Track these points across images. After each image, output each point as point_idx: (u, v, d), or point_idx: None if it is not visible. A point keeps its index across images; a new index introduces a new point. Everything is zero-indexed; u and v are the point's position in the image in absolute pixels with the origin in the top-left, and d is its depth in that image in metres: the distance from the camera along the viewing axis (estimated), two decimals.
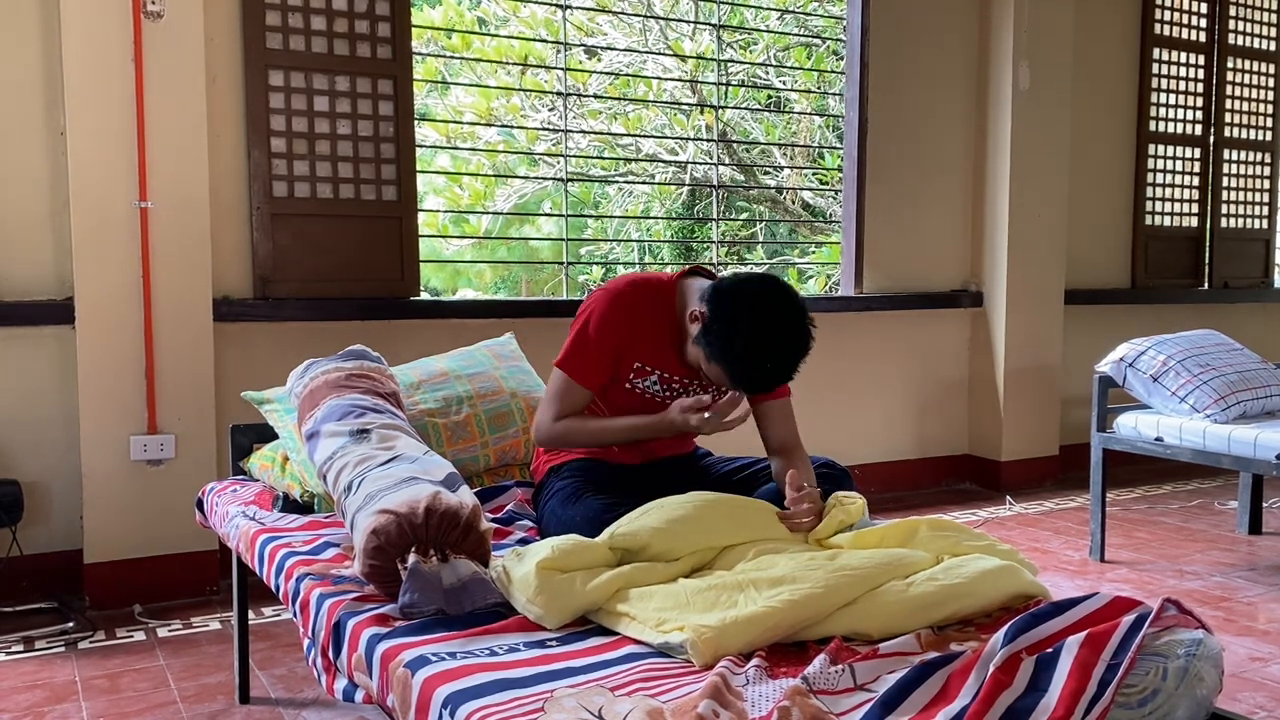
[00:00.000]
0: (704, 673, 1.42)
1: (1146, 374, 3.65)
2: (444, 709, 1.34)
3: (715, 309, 2.01)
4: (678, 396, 2.18)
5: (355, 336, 3.28)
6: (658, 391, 2.20)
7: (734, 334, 1.97)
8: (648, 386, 2.19)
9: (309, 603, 1.77)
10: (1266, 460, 3.23)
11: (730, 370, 2.01)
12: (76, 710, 2.50)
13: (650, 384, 2.19)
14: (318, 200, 3.51)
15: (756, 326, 1.96)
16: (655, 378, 2.19)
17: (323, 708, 2.51)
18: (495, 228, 6.28)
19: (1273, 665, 2.77)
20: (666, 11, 6.30)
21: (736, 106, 6.06)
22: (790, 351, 2.00)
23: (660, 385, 2.19)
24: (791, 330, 2.00)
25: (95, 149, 3.12)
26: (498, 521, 2.22)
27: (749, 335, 1.96)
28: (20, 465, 3.19)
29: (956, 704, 1.24)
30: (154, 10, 3.16)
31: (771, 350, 1.98)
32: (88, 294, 3.14)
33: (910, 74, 4.74)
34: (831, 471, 2.20)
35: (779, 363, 2.00)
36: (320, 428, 2.08)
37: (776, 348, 1.99)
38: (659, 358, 2.18)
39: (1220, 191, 5.83)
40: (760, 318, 1.97)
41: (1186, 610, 1.38)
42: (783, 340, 1.99)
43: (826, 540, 1.90)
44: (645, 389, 2.20)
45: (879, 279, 4.76)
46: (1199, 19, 5.67)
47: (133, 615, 3.16)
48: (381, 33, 3.57)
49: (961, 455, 5.07)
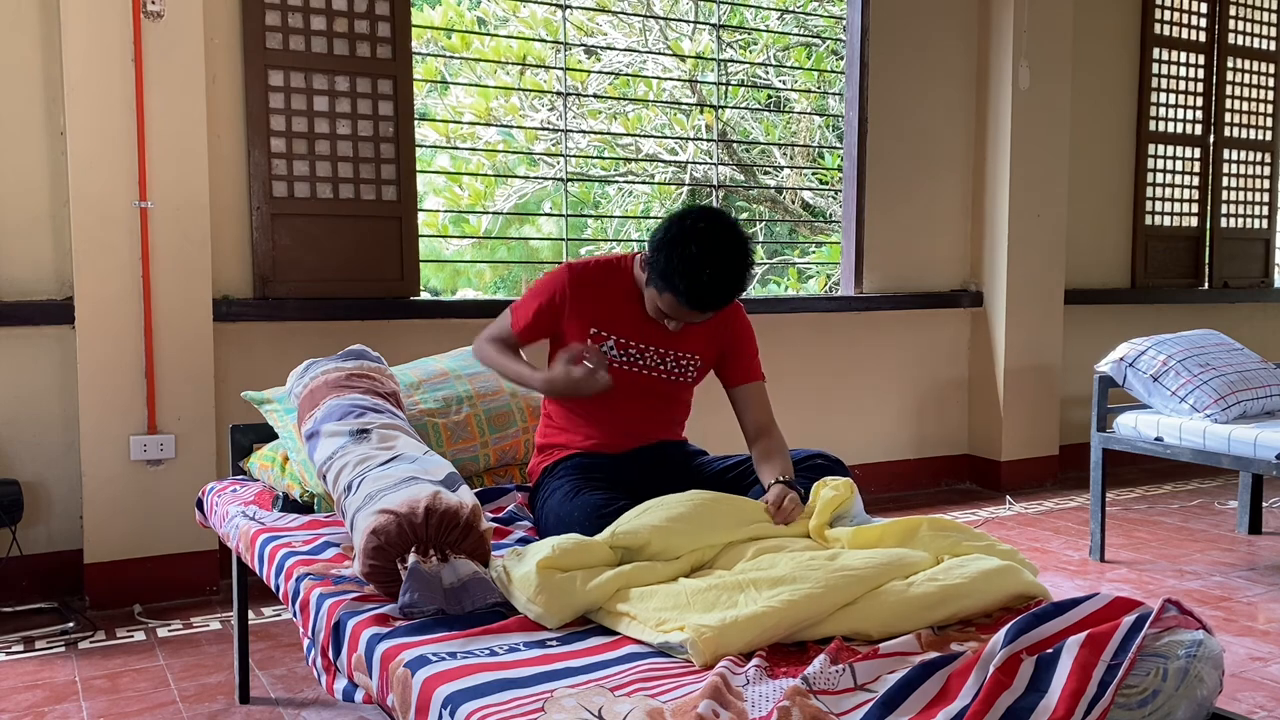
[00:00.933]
0: (704, 673, 1.42)
1: (1146, 374, 3.64)
2: (444, 709, 1.34)
3: (655, 239, 2.10)
4: (635, 363, 2.23)
5: (355, 336, 3.28)
6: (615, 357, 2.23)
7: (672, 252, 2.05)
8: (606, 352, 2.22)
9: (309, 603, 1.77)
10: (1266, 460, 3.22)
11: (673, 286, 2.06)
12: (76, 710, 2.50)
13: (607, 349, 2.22)
14: (318, 200, 3.51)
15: (692, 239, 2.04)
16: (612, 343, 2.23)
17: (323, 708, 2.51)
18: (495, 228, 6.28)
19: (1273, 665, 2.77)
20: (666, 11, 6.30)
21: (736, 106, 6.06)
22: (727, 259, 2.06)
23: (617, 350, 2.23)
24: (727, 239, 2.06)
25: (95, 149, 3.12)
26: (498, 522, 2.22)
27: (685, 248, 2.04)
28: (20, 465, 3.19)
29: (956, 704, 1.24)
30: (154, 10, 3.16)
31: (709, 258, 2.04)
32: (88, 294, 3.14)
33: (910, 74, 4.74)
34: (825, 462, 2.21)
35: (717, 269, 2.04)
36: (320, 428, 2.08)
37: (713, 254, 2.04)
38: (615, 324, 2.23)
39: (1220, 191, 5.83)
40: (695, 232, 2.05)
41: (1187, 610, 1.38)
42: (718, 248, 2.05)
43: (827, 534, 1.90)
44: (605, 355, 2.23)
45: (879, 279, 4.76)
46: (1199, 19, 5.67)
47: (133, 615, 3.16)
48: (381, 33, 3.57)
49: (961, 455, 5.07)
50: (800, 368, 4.53)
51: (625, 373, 2.23)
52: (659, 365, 2.26)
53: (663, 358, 2.25)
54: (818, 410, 4.58)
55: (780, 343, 4.42)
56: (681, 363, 2.27)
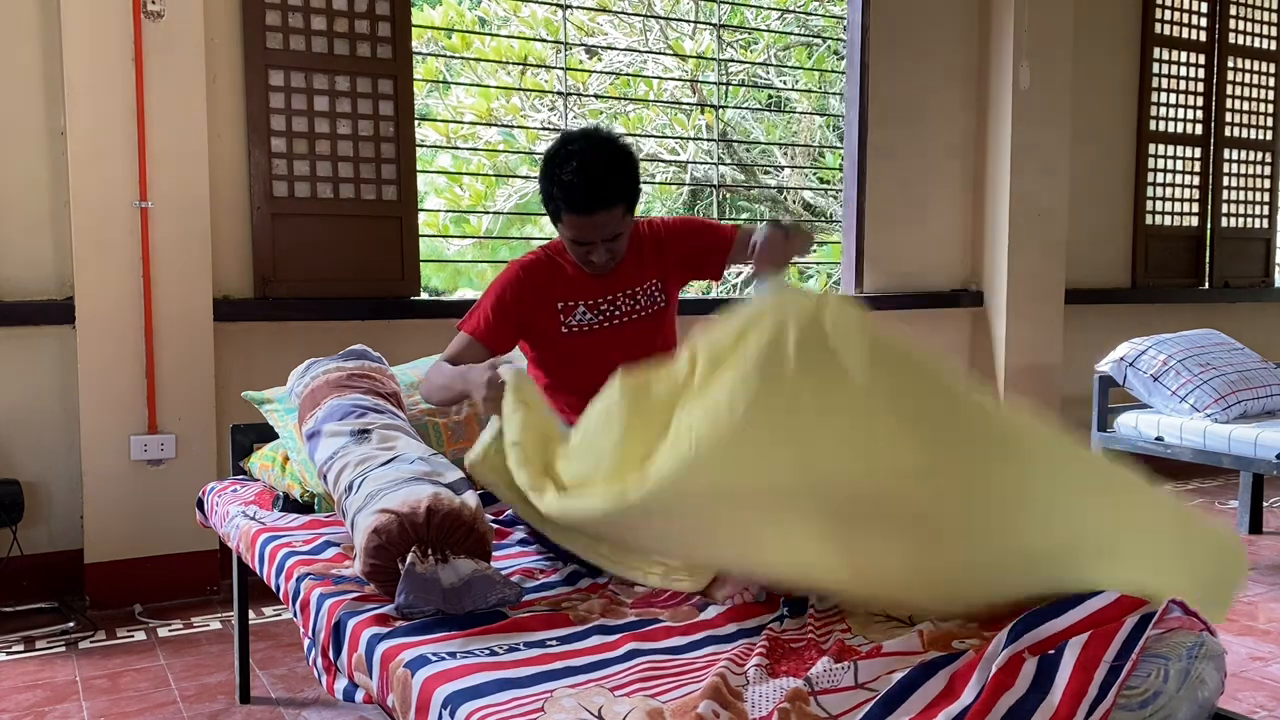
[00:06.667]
0: (704, 672, 1.42)
1: (1147, 373, 3.64)
2: (444, 709, 1.34)
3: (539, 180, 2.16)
4: (612, 316, 2.26)
5: (356, 336, 3.27)
6: (591, 320, 2.25)
7: (549, 174, 2.11)
8: (580, 321, 2.25)
9: (309, 602, 1.77)
10: (1267, 460, 3.22)
11: (556, 201, 2.11)
12: (77, 710, 2.50)
13: (581, 317, 2.25)
14: (318, 200, 3.51)
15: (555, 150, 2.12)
16: (582, 308, 2.25)
17: (323, 708, 2.50)
18: (496, 227, 6.28)
19: (1273, 665, 2.77)
20: (667, 11, 6.29)
21: (737, 106, 6.06)
22: (590, 153, 2.09)
23: (590, 313, 2.26)
24: (590, 143, 2.12)
25: (95, 149, 3.12)
26: (498, 523, 2.22)
27: (551, 160, 2.11)
28: (21, 465, 3.19)
29: (958, 704, 1.24)
30: (154, 10, 3.16)
31: (573, 157, 2.08)
32: (88, 294, 3.14)
33: (911, 74, 4.74)
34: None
35: (584, 162, 2.08)
36: (321, 427, 2.08)
37: (576, 155, 2.08)
38: (578, 290, 2.25)
39: (1220, 191, 5.83)
40: (558, 144, 2.13)
41: (1191, 611, 1.38)
42: (581, 150, 2.09)
43: None
44: (580, 324, 2.25)
45: (879, 278, 4.76)
46: (1199, 18, 5.66)
47: (133, 615, 3.16)
48: (382, 32, 3.57)
49: None
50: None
51: (608, 329, 2.26)
52: (632, 307, 2.29)
53: (631, 298, 2.29)
54: None
55: None
56: (649, 291, 2.32)
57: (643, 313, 2.31)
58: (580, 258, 2.21)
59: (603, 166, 2.10)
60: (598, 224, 2.14)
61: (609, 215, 2.14)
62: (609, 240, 2.17)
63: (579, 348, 2.26)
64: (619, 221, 2.16)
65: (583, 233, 2.15)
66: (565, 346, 2.26)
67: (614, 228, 2.16)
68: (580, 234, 2.16)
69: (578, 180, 2.08)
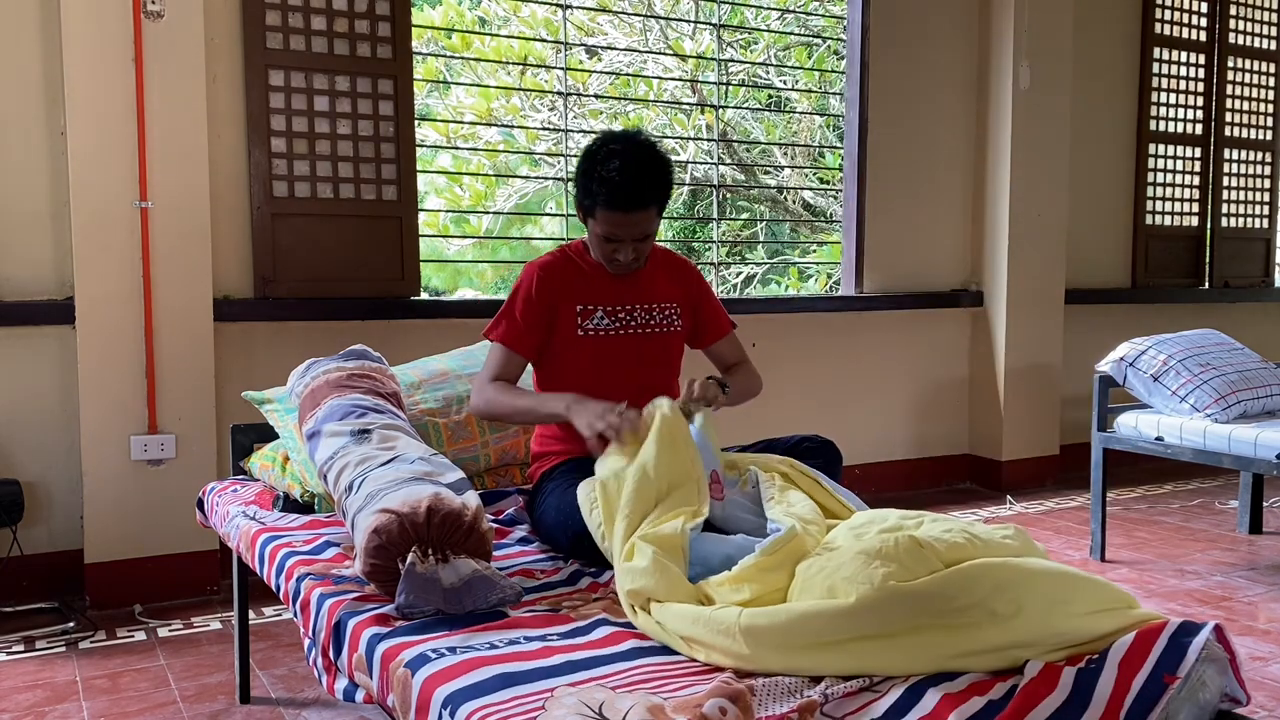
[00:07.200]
0: (708, 674, 1.41)
1: (1147, 373, 3.64)
2: (444, 709, 1.34)
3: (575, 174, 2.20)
4: (627, 325, 2.27)
5: (356, 336, 3.28)
6: (609, 326, 2.26)
7: (589, 169, 2.15)
8: (598, 325, 2.25)
9: (309, 602, 1.77)
10: (1267, 460, 3.22)
11: (594, 196, 2.14)
12: (77, 710, 2.50)
13: (599, 321, 2.25)
14: (318, 200, 3.51)
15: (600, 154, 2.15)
16: (600, 312, 2.25)
17: (323, 708, 2.50)
18: (496, 227, 6.28)
19: (1273, 665, 2.77)
20: (667, 11, 6.30)
21: (737, 106, 6.06)
22: (635, 155, 2.13)
23: (609, 319, 2.26)
24: (633, 143, 2.15)
25: (95, 149, 3.12)
26: (498, 524, 2.22)
27: (593, 163, 2.14)
28: (21, 465, 3.19)
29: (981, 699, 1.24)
30: (154, 10, 3.16)
31: (616, 158, 2.12)
32: (88, 294, 3.14)
33: (911, 74, 4.74)
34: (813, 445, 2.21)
35: (627, 161, 2.11)
36: (321, 427, 2.08)
37: (620, 155, 2.12)
38: (598, 294, 2.26)
39: (1220, 191, 5.83)
40: (604, 150, 2.15)
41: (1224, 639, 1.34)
42: (626, 151, 2.13)
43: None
44: (597, 329, 2.25)
45: (879, 278, 4.76)
46: (1199, 18, 5.67)
47: (133, 615, 3.16)
48: (382, 32, 3.57)
49: (962, 455, 5.07)
50: (800, 367, 4.53)
51: (624, 338, 2.26)
52: (648, 320, 2.30)
53: (649, 312, 2.30)
54: (818, 409, 4.57)
55: (781, 342, 4.42)
56: (665, 312, 2.33)
57: (658, 329, 2.31)
58: (606, 255, 2.23)
59: (644, 167, 2.14)
60: (632, 222, 2.16)
61: (644, 215, 2.17)
62: (639, 240, 2.20)
63: (592, 353, 2.24)
64: (651, 222, 2.19)
65: (617, 230, 2.17)
66: (578, 350, 2.25)
67: (646, 228, 2.19)
68: (614, 231, 2.18)
69: (620, 178, 2.11)
